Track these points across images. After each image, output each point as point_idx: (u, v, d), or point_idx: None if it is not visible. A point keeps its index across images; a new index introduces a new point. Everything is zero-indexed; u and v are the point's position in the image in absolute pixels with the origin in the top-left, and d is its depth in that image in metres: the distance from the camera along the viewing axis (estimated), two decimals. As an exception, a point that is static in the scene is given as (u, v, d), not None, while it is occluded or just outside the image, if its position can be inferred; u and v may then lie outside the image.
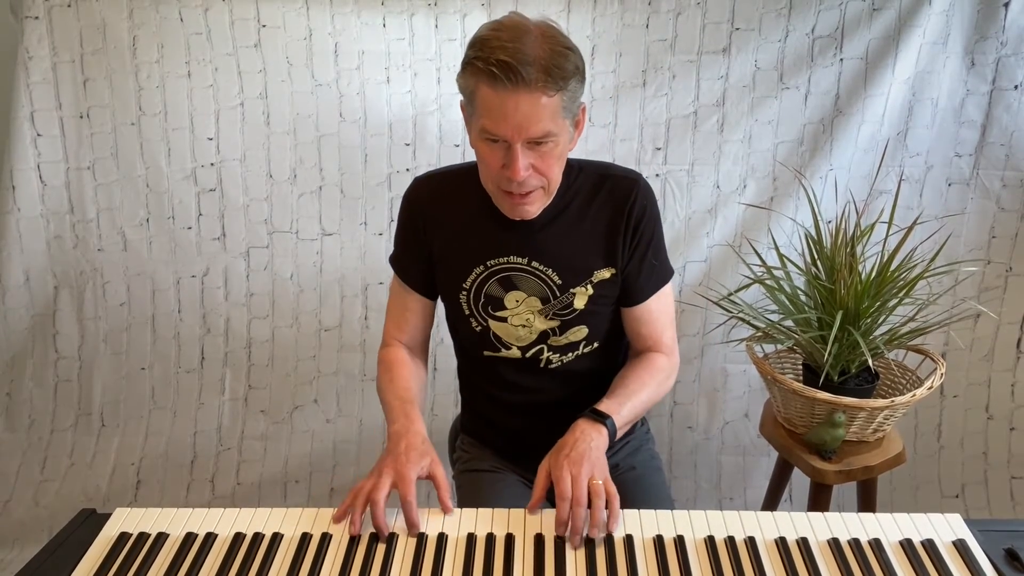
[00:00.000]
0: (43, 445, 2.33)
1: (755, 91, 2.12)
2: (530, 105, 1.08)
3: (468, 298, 1.32)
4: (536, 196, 1.20)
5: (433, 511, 1.12)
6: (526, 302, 1.30)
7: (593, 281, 1.29)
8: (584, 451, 1.13)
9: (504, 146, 1.13)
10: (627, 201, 1.27)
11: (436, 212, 1.33)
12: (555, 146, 1.14)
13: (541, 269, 1.28)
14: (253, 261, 2.29)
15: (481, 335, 1.35)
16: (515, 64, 1.05)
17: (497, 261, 1.29)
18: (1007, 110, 2.07)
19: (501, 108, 1.09)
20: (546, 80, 1.07)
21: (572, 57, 1.11)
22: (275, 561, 1.03)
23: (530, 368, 1.36)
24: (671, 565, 1.01)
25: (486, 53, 1.07)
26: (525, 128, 1.10)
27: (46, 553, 1.05)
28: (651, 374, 1.31)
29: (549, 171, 1.17)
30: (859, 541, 1.05)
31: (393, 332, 1.41)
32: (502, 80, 1.06)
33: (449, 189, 1.32)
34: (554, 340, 1.33)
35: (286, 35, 2.11)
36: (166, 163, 2.20)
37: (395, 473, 1.11)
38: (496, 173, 1.17)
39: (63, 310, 2.30)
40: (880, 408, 1.60)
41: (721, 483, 2.34)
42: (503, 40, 1.08)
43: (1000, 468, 2.25)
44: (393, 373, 1.33)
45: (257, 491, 2.34)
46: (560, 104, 1.10)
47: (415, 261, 1.36)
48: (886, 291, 1.62)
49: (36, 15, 2.07)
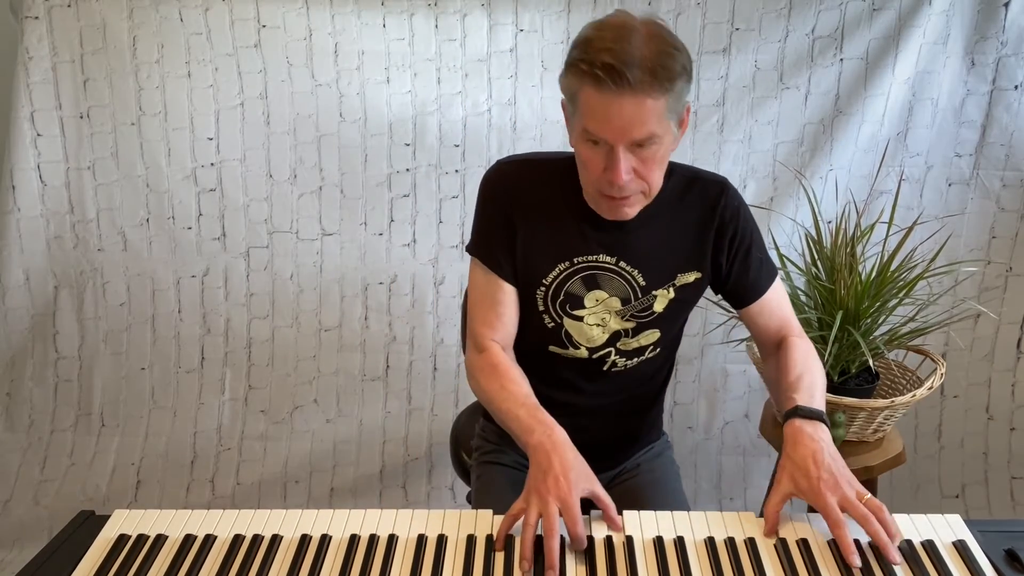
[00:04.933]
0: (43, 445, 2.33)
1: (755, 91, 2.11)
2: (635, 108, 1.05)
3: (546, 294, 1.27)
4: (636, 199, 1.17)
5: (433, 512, 1.12)
6: (606, 302, 1.27)
7: (676, 284, 1.27)
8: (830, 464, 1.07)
9: (606, 148, 1.10)
10: (717, 205, 1.25)
11: (525, 198, 1.26)
12: (658, 148, 1.11)
13: (628, 270, 1.25)
14: (253, 261, 2.29)
15: (552, 331, 1.30)
16: (619, 66, 1.02)
17: (585, 259, 1.25)
18: (1007, 110, 2.07)
19: (605, 111, 1.06)
20: (651, 82, 1.04)
21: (679, 57, 1.07)
22: (274, 563, 1.03)
23: (594, 370, 1.32)
24: (671, 566, 1.01)
25: (591, 55, 1.04)
26: (629, 131, 1.07)
27: (44, 555, 1.05)
28: (813, 357, 1.27)
29: (650, 175, 1.13)
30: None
31: (484, 332, 1.28)
32: (607, 83, 1.03)
33: (539, 177, 1.27)
34: (623, 343, 1.30)
35: (286, 35, 2.11)
36: (166, 163, 2.20)
37: (560, 502, 1.02)
38: (597, 176, 1.13)
39: (63, 310, 2.30)
40: (880, 408, 1.60)
41: (721, 483, 2.34)
42: (607, 41, 1.04)
43: (1000, 468, 2.25)
44: (505, 379, 1.22)
45: (257, 491, 2.34)
46: (666, 106, 1.07)
47: (503, 246, 1.27)
48: (886, 291, 1.62)
49: (36, 15, 2.07)
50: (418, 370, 2.35)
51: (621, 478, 1.44)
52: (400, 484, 2.36)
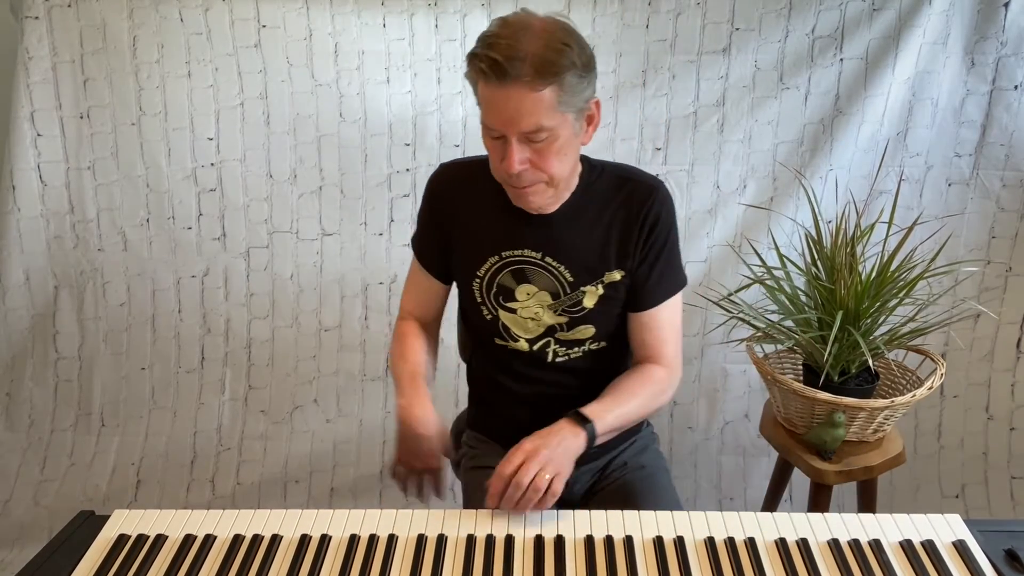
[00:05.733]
0: (43, 445, 2.33)
1: (755, 91, 2.11)
2: (519, 100, 1.10)
3: (481, 286, 1.34)
4: (538, 189, 1.21)
5: (433, 512, 1.12)
6: (537, 296, 1.31)
7: (604, 282, 1.30)
8: (551, 445, 1.14)
9: (503, 140, 1.15)
10: (644, 206, 1.27)
11: (457, 199, 1.34)
12: (553, 140, 1.15)
13: (554, 265, 1.29)
14: (253, 261, 2.29)
15: (491, 323, 1.36)
16: (503, 61, 1.08)
17: (512, 253, 1.30)
18: (1007, 110, 2.07)
19: (494, 103, 1.13)
20: (533, 75, 1.08)
21: (569, 53, 1.11)
22: (274, 563, 1.03)
23: (537, 361, 1.36)
24: (671, 566, 1.01)
25: (483, 50, 1.11)
26: (516, 122, 1.12)
27: (44, 555, 1.05)
28: (644, 385, 1.29)
29: (548, 165, 1.17)
30: (859, 542, 1.04)
31: (409, 307, 1.45)
32: (491, 76, 1.09)
33: (472, 177, 1.33)
34: (561, 335, 1.34)
35: (286, 35, 2.11)
36: (166, 163, 2.20)
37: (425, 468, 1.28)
38: (498, 166, 1.19)
39: (63, 310, 2.30)
40: (880, 408, 1.60)
41: (721, 483, 2.34)
42: (501, 37, 1.10)
43: (1000, 468, 2.25)
44: (405, 345, 1.38)
45: (257, 491, 2.34)
46: (555, 98, 1.11)
47: (433, 245, 1.38)
48: (886, 291, 1.62)
49: (36, 15, 2.07)
50: (418, 370, 2.35)
51: (610, 477, 1.44)
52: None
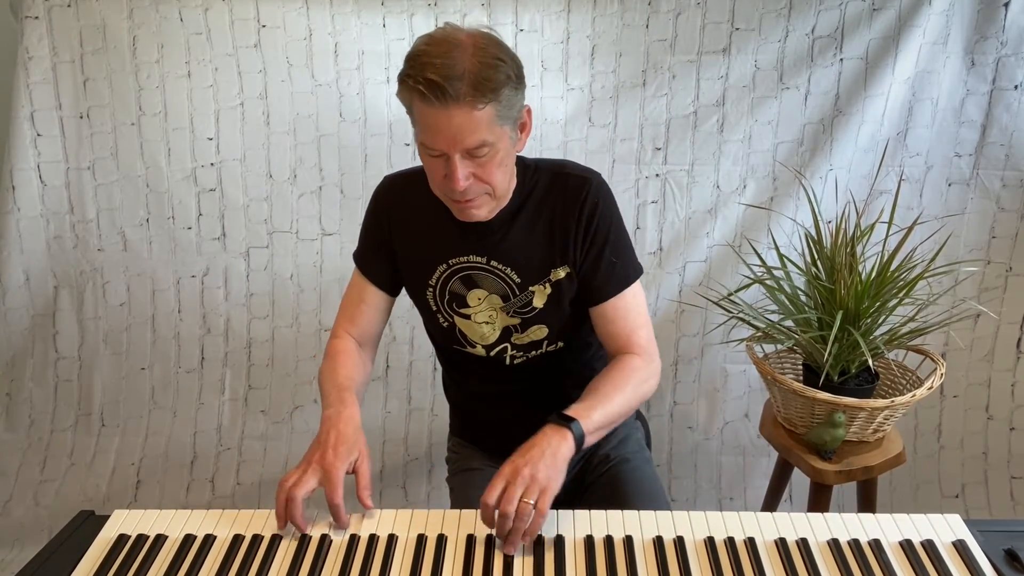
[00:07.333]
0: (43, 445, 2.33)
1: (755, 91, 2.11)
2: (462, 119, 1.10)
3: (434, 294, 1.35)
4: (482, 201, 1.22)
5: (433, 512, 1.12)
6: (488, 300, 1.33)
7: (551, 280, 1.30)
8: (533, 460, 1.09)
9: (444, 158, 1.15)
10: (578, 199, 1.27)
11: (402, 210, 1.35)
12: (495, 154, 1.16)
13: (500, 268, 1.30)
14: (253, 261, 2.29)
15: (448, 330, 1.37)
16: (442, 81, 1.07)
17: (458, 260, 1.31)
18: (1007, 110, 2.07)
19: (435, 124, 1.11)
20: (474, 94, 1.08)
21: (503, 68, 1.11)
22: (274, 563, 1.03)
23: (497, 365, 1.38)
24: (671, 566, 1.01)
25: (416, 71, 1.09)
26: (459, 140, 1.12)
27: (44, 555, 1.05)
28: (625, 377, 1.26)
29: (491, 178, 1.18)
30: (859, 542, 1.04)
31: (344, 325, 1.41)
32: (430, 98, 1.08)
33: (415, 189, 1.33)
34: (516, 338, 1.35)
35: (286, 35, 2.11)
36: (166, 163, 2.20)
37: (322, 471, 1.11)
38: (440, 183, 1.19)
39: (63, 310, 2.30)
40: (880, 408, 1.60)
41: (721, 483, 2.34)
42: (432, 56, 1.09)
43: (1000, 468, 2.25)
44: (336, 362, 1.33)
45: (257, 491, 2.34)
46: (494, 113, 1.11)
47: (378, 256, 1.38)
48: (886, 291, 1.62)
49: (36, 15, 2.07)
50: (418, 370, 2.35)
51: (595, 471, 1.45)
52: (400, 484, 2.36)
